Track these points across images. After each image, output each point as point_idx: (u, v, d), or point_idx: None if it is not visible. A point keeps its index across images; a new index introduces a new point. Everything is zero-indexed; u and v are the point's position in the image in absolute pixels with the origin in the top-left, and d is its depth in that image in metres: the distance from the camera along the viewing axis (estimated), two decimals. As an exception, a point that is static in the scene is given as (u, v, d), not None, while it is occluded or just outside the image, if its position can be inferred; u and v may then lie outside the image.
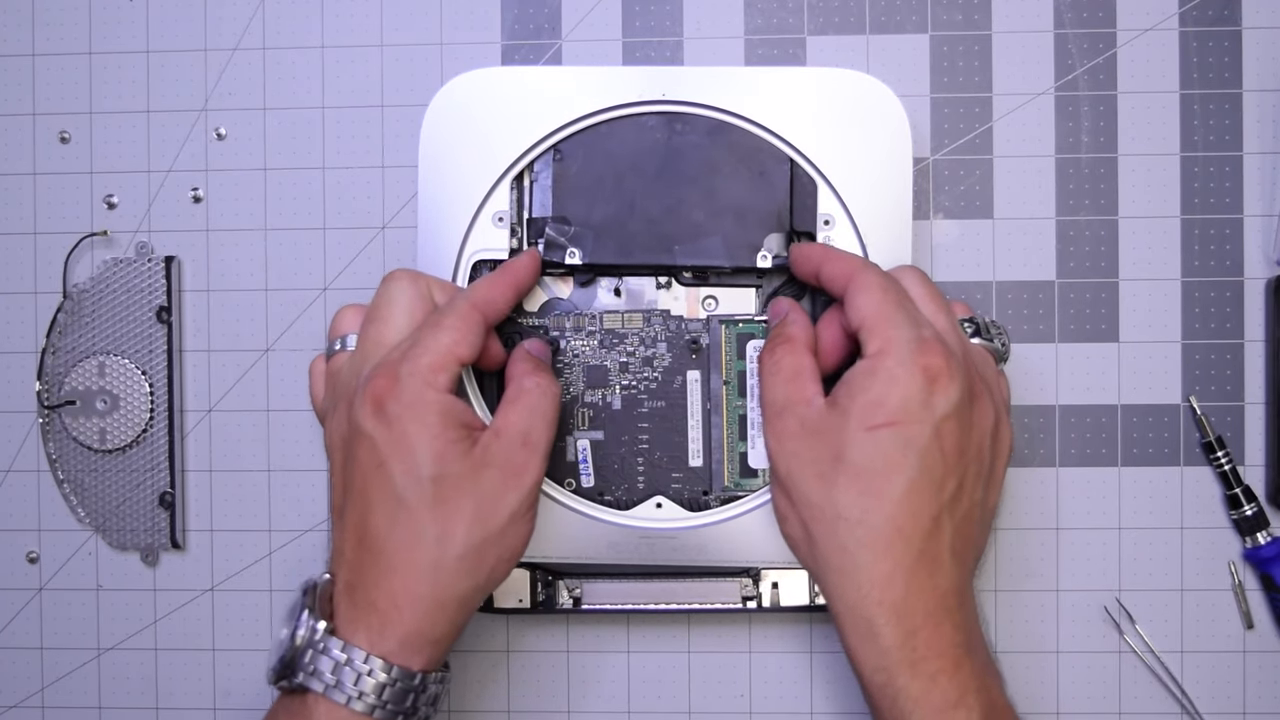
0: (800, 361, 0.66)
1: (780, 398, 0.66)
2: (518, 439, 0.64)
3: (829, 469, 0.62)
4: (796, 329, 0.68)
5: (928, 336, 0.62)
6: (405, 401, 0.61)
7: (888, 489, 0.61)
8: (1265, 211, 0.76)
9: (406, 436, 0.61)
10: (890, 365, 0.61)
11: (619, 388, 0.73)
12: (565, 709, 0.78)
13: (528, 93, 0.70)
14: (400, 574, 0.61)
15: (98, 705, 0.79)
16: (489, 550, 0.63)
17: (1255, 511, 0.75)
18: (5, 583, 0.79)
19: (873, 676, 0.61)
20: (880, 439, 0.61)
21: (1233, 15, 0.76)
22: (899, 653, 0.60)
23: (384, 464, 0.61)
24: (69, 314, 0.77)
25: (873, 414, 0.61)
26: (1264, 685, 0.76)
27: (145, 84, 0.78)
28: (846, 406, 0.62)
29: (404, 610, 0.61)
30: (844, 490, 0.61)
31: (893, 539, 0.61)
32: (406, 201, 0.77)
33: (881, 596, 0.61)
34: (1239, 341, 0.76)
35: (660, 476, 0.73)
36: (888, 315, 0.62)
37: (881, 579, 0.61)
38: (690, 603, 0.73)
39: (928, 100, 0.76)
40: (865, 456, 0.61)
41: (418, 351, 0.62)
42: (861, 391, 0.62)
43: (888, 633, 0.60)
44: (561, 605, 0.73)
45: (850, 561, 0.61)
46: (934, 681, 0.60)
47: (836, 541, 0.62)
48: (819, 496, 0.62)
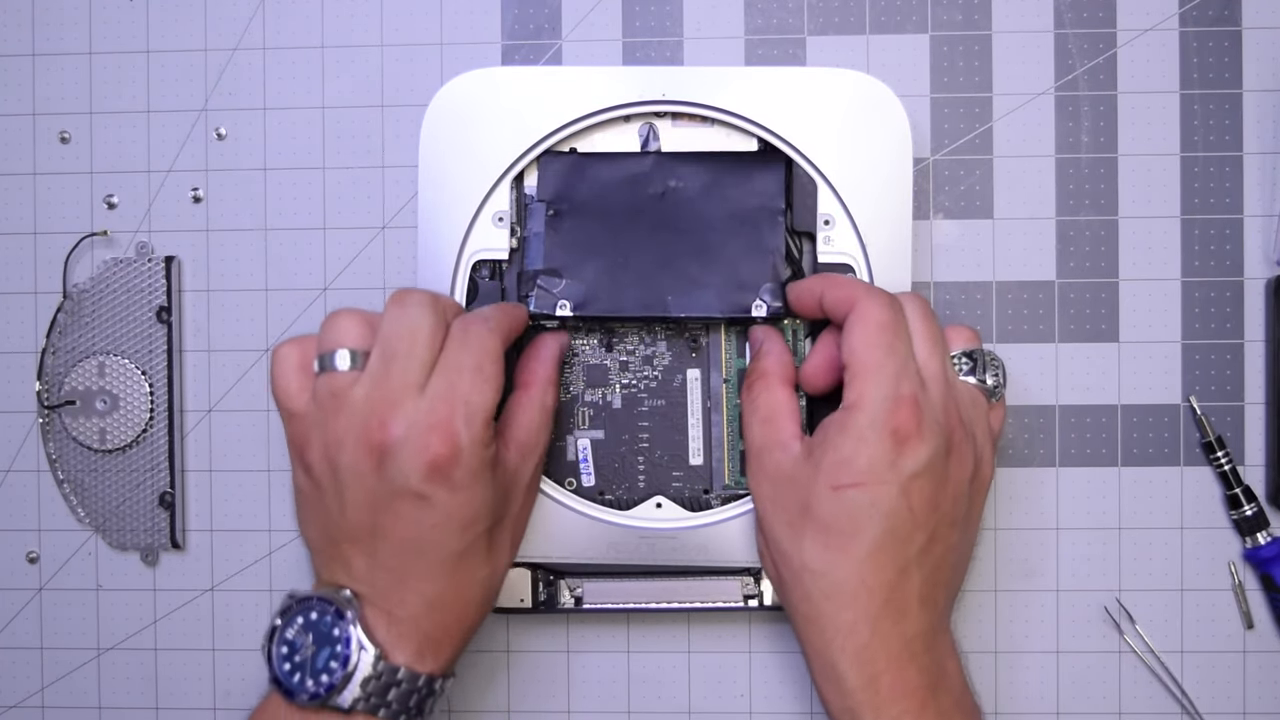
0: (775, 399, 0.67)
1: (757, 440, 0.67)
2: (536, 461, 0.68)
3: (797, 519, 0.63)
4: (771, 361, 0.69)
5: (904, 394, 0.61)
6: (472, 470, 0.61)
7: (852, 547, 0.62)
8: (1265, 211, 0.76)
9: (472, 502, 0.62)
10: (861, 424, 0.61)
11: (619, 387, 0.73)
12: (565, 709, 0.78)
13: (528, 93, 0.71)
14: (453, 610, 0.64)
15: (98, 705, 0.79)
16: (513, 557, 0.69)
17: (1255, 512, 0.75)
18: (5, 583, 0.79)
19: (839, 716, 0.63)
20: (846, 499, 0.61)
21: (1233, 15, 0.76)
22: (862, 694, 0.62)
23: (443, 524, 0.62)
24: (69, 314, 0.77)
25: (840, 473, 0.62)
26: (1264, 685, 0.76)
27: (145, 84, 0.78)
28: (818, 460, 0.63)
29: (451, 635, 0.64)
30: (810, 542, 0.63)
31: (857, 591, 0.62)
32: (406, 201, 0.77)
33: (844, 644, 0.62)
34: (1239, 341, 0.76)
35: (661, 475, 0.73)
36: (874, 362, 0.62)
37: (845, 627, 0.62)
38: (692, 601, 0.73)
39: (928, 100, 0.76)
40: (830, 515, 0.62)
41: (469, 412, 0.61)
42: (832, 448, 0.62)
43: (851, 676, 0.62)
44: (563, 605, 0.73)
45: (814, 609, 0.63)
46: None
47: (802, 589, 0.63)
48: (788, 544, 0.64)
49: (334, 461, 0.62)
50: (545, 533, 0.71)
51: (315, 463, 0.63)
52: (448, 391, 0.60)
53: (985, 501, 0.68)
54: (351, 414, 0.61)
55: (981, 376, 0.67)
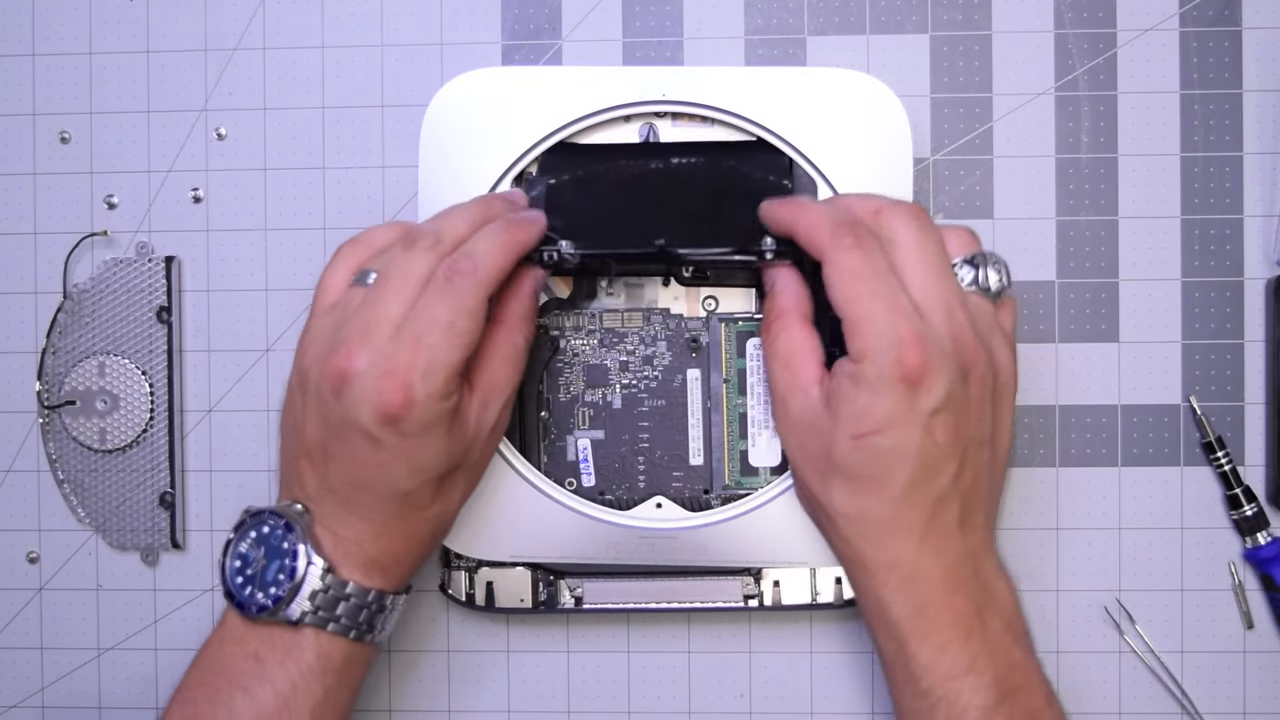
0: (793, 340, 0.65)
1: (779, 385, 0.65)
2: (500, 405, 0.66)
3: (824, 467, 0.62)
4: (787, 298, 0.66)
5: (904, 335, 0.59)
6: (424, 422, 0.60)
7: (883, 489, 0.61)
8: (1265, 212, 0.76)
9: (422, 450, 0.62)
10: (869, 375, 0.59)
11: (619, 387, 0.73)
12: (565, 709, 0.78)
13: (528, 93, 0.71)
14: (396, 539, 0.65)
15: (98, 705, 0.79)
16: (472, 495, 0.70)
17: (1255, 512, 0.75)
18: (5, 583, 0.79)
19: (885, 644, 0.63)
20: (868, 446, 0.60)
21: (1233, 15, 0.76)
22: (908, 625, 0.61)
23: (388, 465, 0.62)
24: (69, 314, 0.77)
25: (859, 423, 0.60)
26: (1264, 685, 0.76)
27: (145, 84, 0.78)
28: (835, 410, 0.61)
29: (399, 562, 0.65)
30: (839, 490, 0.62)
31: (894, 530, 0.61)
32: (406, 201, 0.77)
33: (887, 579, 0.62)
34: (1239, 342, 0.76)
35: (661, 475, 0.73)
36: (862, 313, 0.60)
37: (886, 564, 0.62)
38: (692, 601, 0.73)
39: (928, 100, 0.76)
40: (855, 463, 0.61)
41: (431, 366, 0.60)
42: (848, 400, 0.61)
43: (896, 608, 0.62)
44: (563, 605, 0.73)
45: (854, 551, 0.62)
46: (944, 650, 0.61)
47: (839, 534, 0.63)
48: (818, 491, 0.63)
49: (310, 372, 0.63)
50: (545, 533, 0.71)
51: (304, 367, 0.64)
52: (413, 343, 0.60)
53: (1013, 405, 0.66)
54: (338, 332, 0.62)
55: (985, 283, 0.64)
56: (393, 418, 0.60)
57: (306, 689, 0.63)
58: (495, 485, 0.70)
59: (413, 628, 0.78)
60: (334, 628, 0.63)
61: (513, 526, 0.71)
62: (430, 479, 0.63)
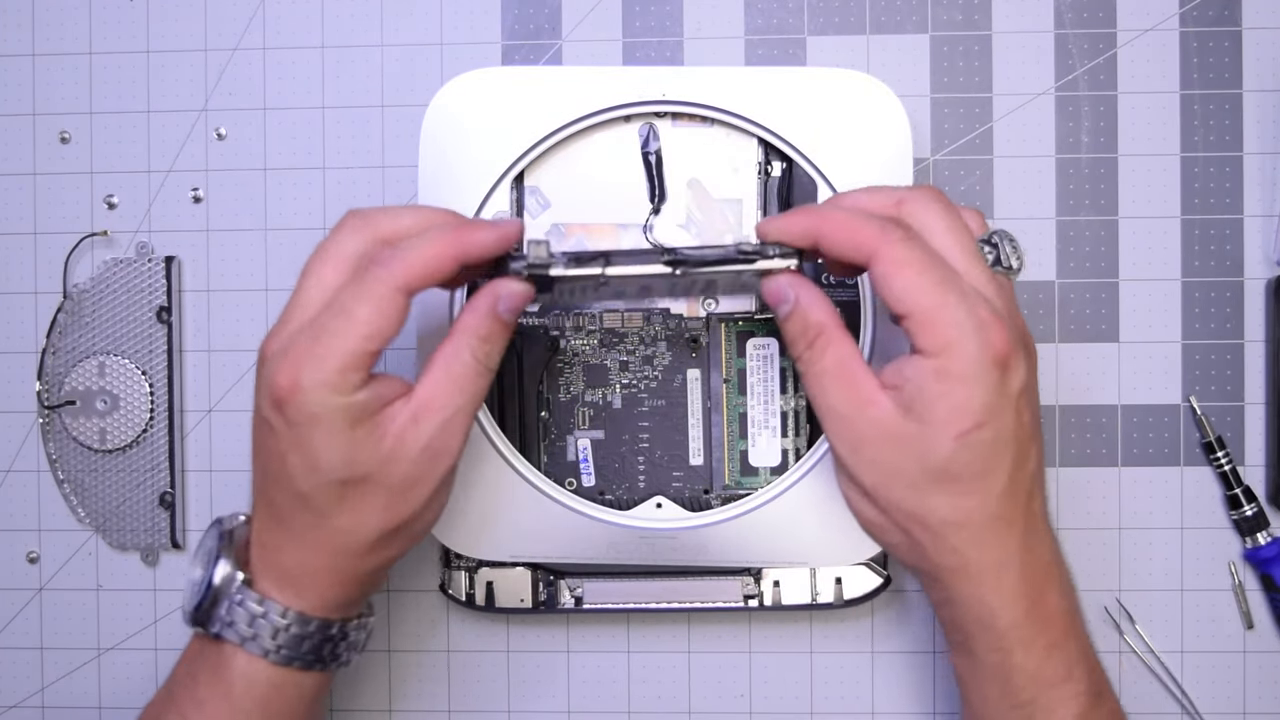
0: (843, 354, 0.59)
1: (840, 404, 0.59)
2: (437, 425, 0.59)
3: (920, 479, 0.58)
4: (819, 311, 0.60)
5: (985, 318, 0.56)
6: (309, 411, 0.57)
7: (986, 488, 0.58)
8: (1265, 212, 0.76)
9: (311, 442, 0.58)
10: (961, 367, 0.56)
11: (619, 387, 0.73)
12: (565, 709, 0.78)
13: (528, 93, 0.70)
14: (309, 550, 0.61)
15: (98, 705, 0.79)
16: (400, 532, 0.61)
17: (1255, 512, 0.75)
18: (5, 583, 0.79)
19: (987, 657, 0.61)
20: (972, 443, 0.57)
21: (1233, 16, 0.76)
22: (1016, 632, 0.60)
23: (284, 457, 0.59)
24: (69, 314, 0.77)
25: (959, 421, 0.57)
26: (1264, 685, 0.76)
27: (145, 84, 0.78)
28: (924, 414, 0.57)
29: (314, 578, 0.61)
30: (941, 498, 0.58)
31: (998, 531, 0.59)
32: (407, 202, 0.77)
33: (997, 583, 0.59)
34: (1239, 342, 0.76)
35: (661, 475, 0.73)
36: (937, 301, 0.56)
37: (994, 569, 0.59)
38: (692, 601, 0.73)
39: (928, 100, 0.76)
40: (960, 464, 0.57)
41: (324, 352, 0.57)
42: (939, 398, 0.57)
43: (1006, 615, 0.60)
44: (563, 605, 0.73)
45: (961, 560, 0.59)
46: (1048, 655, 0.60)
47: (945, 544, 0.59)
48: (914, 505, 0.59)
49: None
50: (545, 533, 0.71)
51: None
52: (315, 328, 0.57)
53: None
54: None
55: (1007, 262, 0.62)
56: (280, 401, 0.57)
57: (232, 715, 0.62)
58: (495, 485, 0.70)
59: (413, 628, 0.78)
60: (252, 648, 0.61)
61: (513, 526, 0.71)
62: (329, 483, 0.58)
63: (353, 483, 0.59)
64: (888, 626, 0.77)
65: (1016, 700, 0.61)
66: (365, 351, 0.57)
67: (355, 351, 0.57)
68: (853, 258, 0.58)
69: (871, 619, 0.77)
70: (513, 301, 0.60)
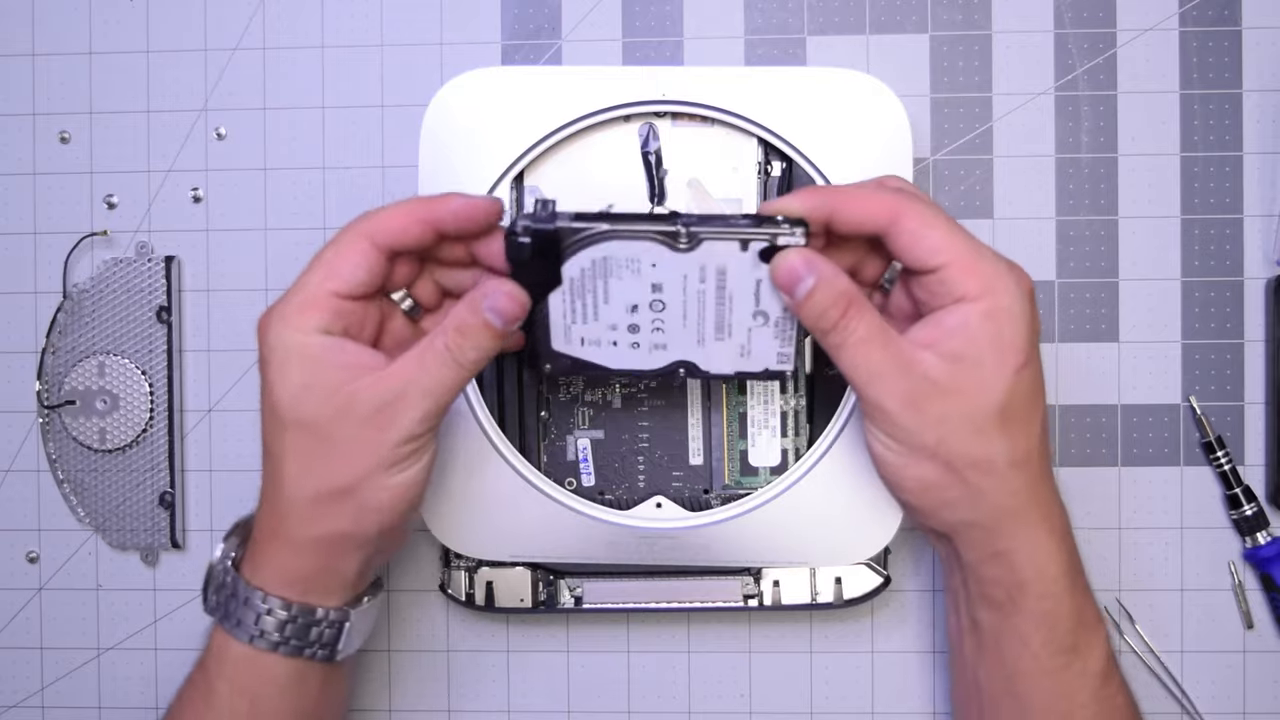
0: (876, 319, 0.60)
1: (888, 368, 0.60)
2: (392, 392, 0.60)
3: (984, 422, 0.60)
4: (843, 282, 0.60)
5: (1008, 261, 0.61)
6: (270, 344, 0.61)
7: (1034, 426, 0.61)
8: (1265, 211, 0.76)
9: (268, 380, 0.61)
10: (1008, 302, 0.59)
11: (619, 386, 0.73)
12: (565, 709, 0.78)
13: (528, 93, 0.70)
14: (265, 512, 0.63)
15: (97, 705, 0.79)
16: (347, 500, 0.61)
17: (1255, 511, 0.75)
18: (5, 583, 0.79)
19: (1038, 605, 0.62)
20: (1025, 379, 0.60)
21: (1233, 15, 0.76)
22: (1068, 577, 0.62)
23: (265, 387, 0.62)
24: (69, 314, 0.77)
25: (1013, 357, 0.59)
26: (1264, 685, 0.76)
27: (145, 84, 0.78)
28: (977, 357, 0.59)
29: (271, 547, 0.63)
30: (1003, 439, 0.60)
31: (1045, 470, 0.62)
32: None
33: (1051, 528, 0.62)
34: (1239, 341, 0.76)
35: (661, 475, 0.73)
36: (972, 251, 0.60)
37: (1046, 511, 0.62)
38: (692, 601, 0.73)
39: (928, 100, 0.76)
40: (1017, 400, 0.60)
41: (292, 290, 0.61)
42: (991, 338, 0.59)
43: (1060, 559, 0.62)
44: (563, 605, 0.73)
45: (1024, 501, 0.61)
46: (1087, 596, 0.63)
47: (1009, 487, 0.61)
48: (980, 451, 0.60)
49: None
50: (545, 533, 0.71)
51: None
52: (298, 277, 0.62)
53: None
54: None
55: None
56: (259, 329, 0.61)
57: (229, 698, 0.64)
58: (495, 485, 0.70)
59: (413, 628, 0.78)
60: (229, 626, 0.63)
61: (513, 526, 0.71)
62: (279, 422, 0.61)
63: (300, 426, 0.61)
64: (888, 626, 0.77)
65: (1061, 645, 0.62)
66: (323, 291, 0.60)
67: (314, 290, 0.60)
68: (871, 225, 0.60)
69: (871, 619, 0.77)
70: (498, 301, 0.60)
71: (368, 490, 0.61)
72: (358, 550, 0.64)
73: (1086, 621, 0.63)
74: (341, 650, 0.65)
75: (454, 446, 0.70)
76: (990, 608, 0.64)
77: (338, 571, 0.64)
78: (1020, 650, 0.63)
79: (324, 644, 0.64)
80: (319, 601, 0.64)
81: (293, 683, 0.65)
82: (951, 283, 0.59)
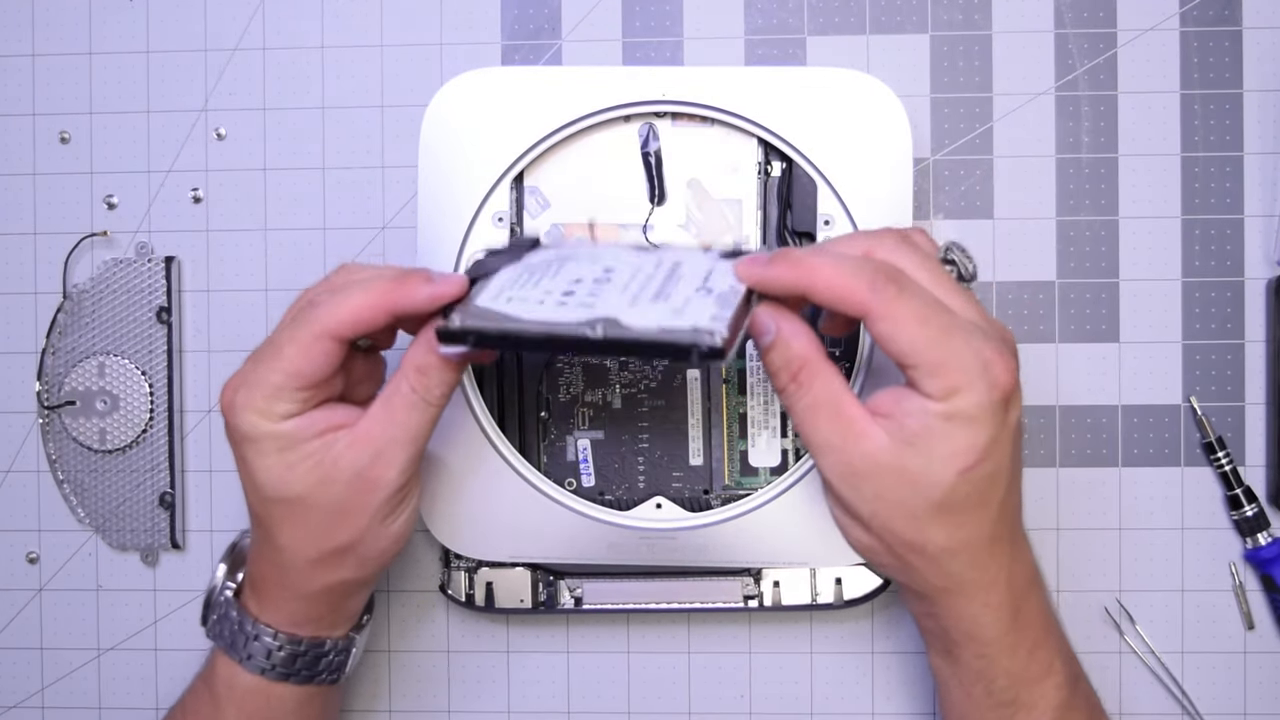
0: (831, 387, 0.58)
1: (834, 440, 0.58)
2: (370, 454, 0.61)
3: (920, 510, 0.58)
4: (805, 343, 0.58)
5: (990, 356, 0.56)
6: (242, 430, 0.61)
7: (985, 514, 0.59)
8: (1265, 212, 0.76)
9: (246, 460, 0.62)
10: (969, 408, 0.56)
11: (619, 387, 0.73)
12: (565, 709, 0.78)
13: (527, 93, 0.70)
14: (265, 564, 0.65)
15: (98, 706, 0.79)
16: (347, 555, 0.63)
17: (1256, 512, 0.75)
18: (5, 583, 0.79)
19: (972, 663, 0.62)
20: (975, 477, 0.57)
21: (1233, 15, 0.76)
22: (1004, 640, 0.61)
23: (240, 471, 0.63)
24: (69, 314, 0.77)
25: (963, 458, 0.57)
26: (1264, 686, 0.76)
27: (145, 84, 0.78)
28: (927, 450, 0.57)
29: (276, 595, 0.65)
30: (940, 528, 0.58)
31: (992, 550, 0.60)
32: (406, 202, 0.77)
33: (988, 598, 0.61)
34: (1239, 342, 0.76)
35: (660, 475, 0.73)
36: (945, 351, 0.56)
37: (987, 585, 0.61)
38: (692, 601, 0.73)
39: (928, 100, 0.76)
40: (960, 497, 0.58)
41: (254, 380, 0.60)
42: (945, 438, 0.56)
43: (992, 628, 0.61)
44: (563, 605, 0.73)
45: (956, 582, 0.60)
46: (1031, 656, 0.62)
47: (940, 570, 0.60)
48: (912, 535, 0.59)
49: None
50: (545, 533, 0.71)
51: None
52: (254, 358, 0.62)
53: None
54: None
55: (968, 274, 0.62)
56: (225, 419, 0.61)
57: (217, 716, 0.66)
58: (495, 486, 0.70)
59: (413, 628, 0.78)
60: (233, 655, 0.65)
61: (513, 526, 0.71)
62: (265, 499, 0.62)
63: (287, 502, 0.62)
64: (888, 627, 0.77)
65: (1000, 699, 0.62)
66: (288, 388, 0.60)
67: (279, 386, 0.60)
68: (846, 311, 0.57)
69: (871, 619, 0.77)
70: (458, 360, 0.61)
71: (366, 543, 0.63)
72: (363, 589, 0.67)
73: (1029, 677, 0.62)
74: (348, 671, 0.68)
75: (454, 447, 0.70)
76: (934, 653, 0.65)
77: (345, 609, 0.67)
78: (964, 696, 0.64)
79: (332, 669, 0.67)
80: (327, 634, 0.67)
81: (300, 704, 0.67)
82: (918, 381, 0.57)
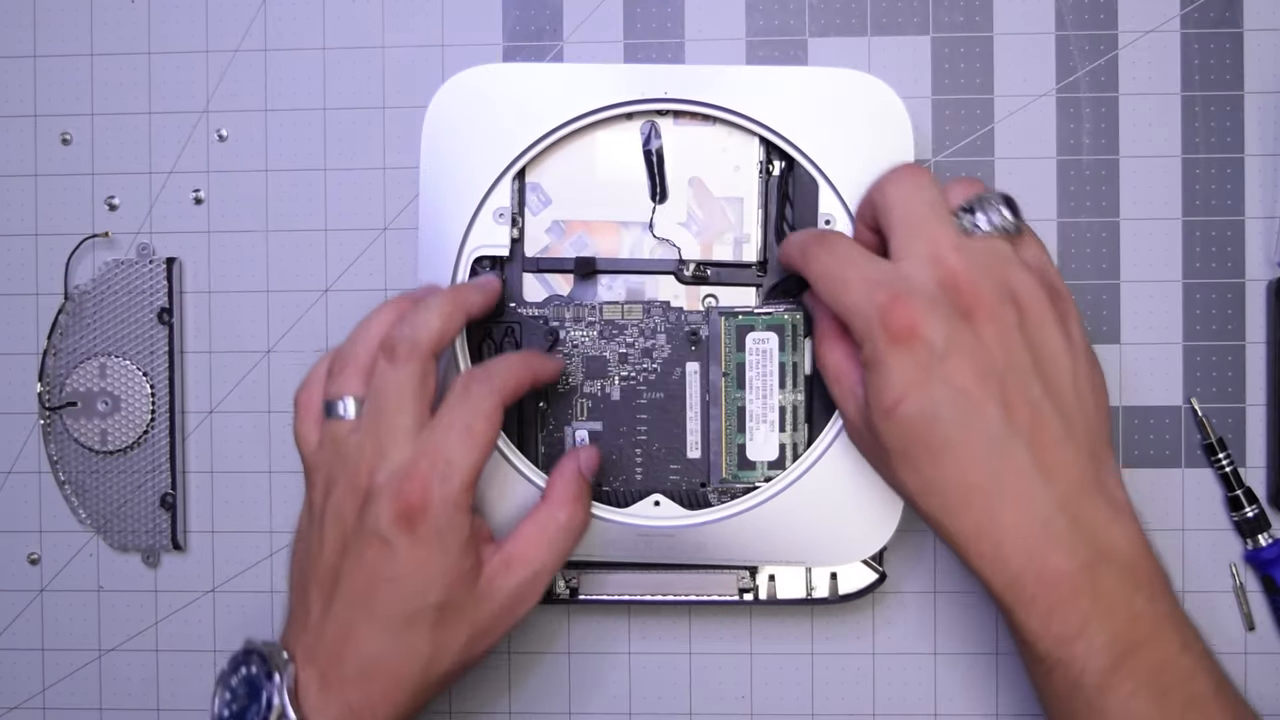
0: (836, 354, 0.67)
1: (835, 398, 0.67)
2: (527, 576, 0.66)
3: (885, 458, 0.62)
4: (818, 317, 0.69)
5: (882, 298, 0.60)
6: (437, 527, 0.62)
7: (936, 455, 0.60)
8: (1266, 213, 0.76)
9: (429, 561, 0.62)
10: (870, 351, 0.60)
11: (618, 379, 0.73)
12: (565, 709, 0.77)
13: (529, 89, 0.71)
14: (384, 683, 0.63)
15: (99, 707, 0.79)
16: (469, 667, 0.66)
17: (1256, 513, 0.75)
18: (6, 584, 0.79)
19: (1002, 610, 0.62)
20: (898, 418, 0.60)
21: (1234, 17, 0.76)
22: (1009, 594, 0.60)
23: (398, 580, 0.62)
24: (70, 315, 0.78)
25: (881, 399, 0.60)
26: (1265, 687, 0.75)
27: (147, 85, 0.78)
28: (869, 401, 0.62)
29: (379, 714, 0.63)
30: (903, 474, 0.61)
31: (965, 495, 0.60)
32: (408, 203, 0.77)
33: (977, 549, 0.60)
34: (1240, 343, 0.76)
35: (658, 468, 0.73)
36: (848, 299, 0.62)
37: (970, 535, 0.60)
38: (687, 594, 0.73)
39: (929, 102, 0.77)
40: (897, 439, 0.60)
41: (452, 471, 0.62)
42: (869, 386, 0.61)
43: (995, 581, 0.60)
44: (558, 594, 0.73)
45: (943, 529, 0.61)
46: (1051, 615, 0.59)
47: (922, 513, 0.62)
48: (893, 484, 0.64)
49: (326, 502, 0.64)
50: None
51: (314, 501, 0.66)
52: (432, 447, 0.62)
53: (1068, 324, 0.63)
54: (345, 459, 0.64)
55: (989, 226, 0.62)
56: (409, 519, 0.61)
57: None
58: (493, 482, 0.70)
59: (413, 629, 0.78)
60: None
61: (511, 524, 0.70)
62: (430, 606, 0.63)
63: (448, 608, 0.63)
64: (889, 627, 0.77)
65: (1032, 654, 0.61)
66: (481, 462, 0.63)
67: (474, 464, 0.63)
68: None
69: (872, 620, 0.77)
70: (591, 463, 0.69)
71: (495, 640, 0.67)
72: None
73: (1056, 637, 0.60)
74: None
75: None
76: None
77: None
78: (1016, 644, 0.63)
79: None
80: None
81: None
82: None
